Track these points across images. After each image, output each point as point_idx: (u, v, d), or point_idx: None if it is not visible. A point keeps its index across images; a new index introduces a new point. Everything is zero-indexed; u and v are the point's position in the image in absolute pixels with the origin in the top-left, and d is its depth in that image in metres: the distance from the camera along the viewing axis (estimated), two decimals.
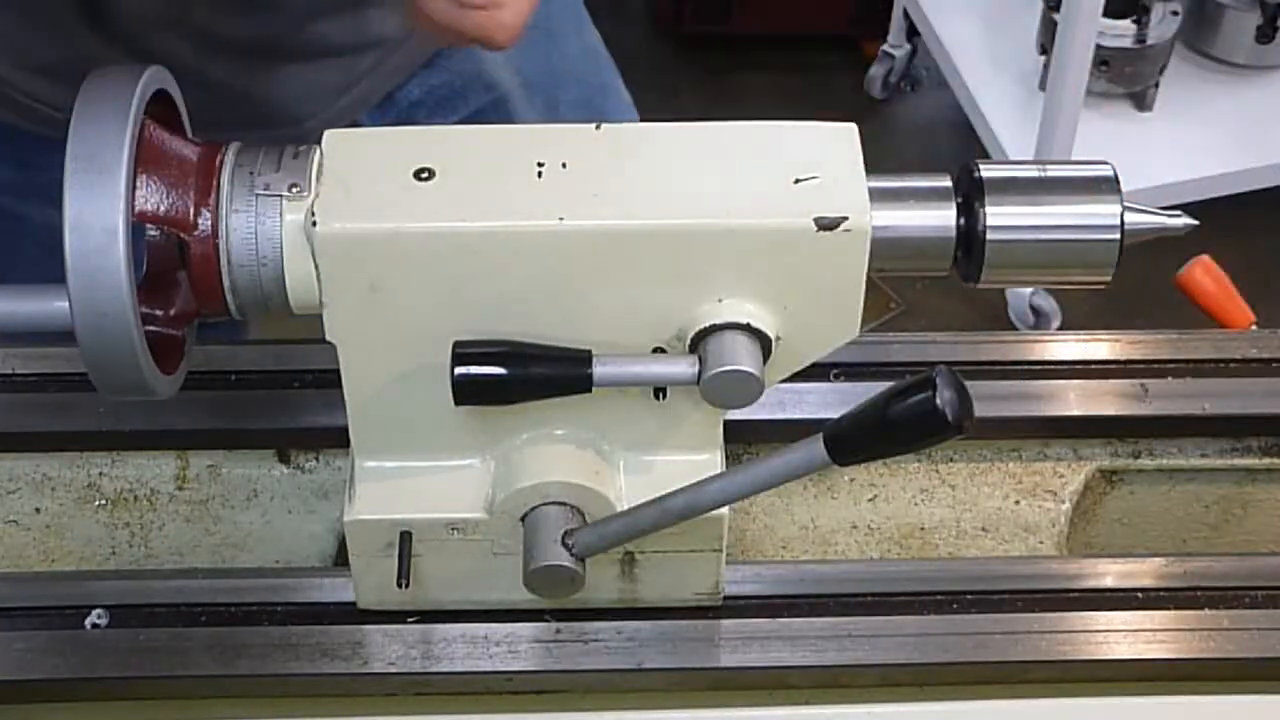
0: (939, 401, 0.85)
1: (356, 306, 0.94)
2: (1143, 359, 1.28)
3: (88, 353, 0.91)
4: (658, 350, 0.97)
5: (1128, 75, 3.00)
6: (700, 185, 0.94)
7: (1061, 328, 3.01)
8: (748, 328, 0.95)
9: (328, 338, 0.96)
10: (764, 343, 0.95)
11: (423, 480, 1.03)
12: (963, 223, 0.97)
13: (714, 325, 0.95)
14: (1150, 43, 2.96)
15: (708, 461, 1.03)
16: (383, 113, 1.37)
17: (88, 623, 1.09)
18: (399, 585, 1.03)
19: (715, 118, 0.97)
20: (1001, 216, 0.97)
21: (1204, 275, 1.49)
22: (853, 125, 0.97)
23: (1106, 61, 2.94)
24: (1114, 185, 0.98)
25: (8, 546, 1.23)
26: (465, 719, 1.10)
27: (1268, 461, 1.28)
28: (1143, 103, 3.05)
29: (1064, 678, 1.11)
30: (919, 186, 0.99)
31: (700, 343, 0.95)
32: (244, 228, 0.93)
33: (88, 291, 0.89)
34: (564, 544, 0.99)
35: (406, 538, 1.03)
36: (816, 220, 0.93)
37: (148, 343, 0.92)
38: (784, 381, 1.00)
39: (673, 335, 0.96)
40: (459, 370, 0.93)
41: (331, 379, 0.99)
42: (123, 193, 0.88)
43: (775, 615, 1.11)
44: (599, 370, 0.94)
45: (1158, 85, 3.03)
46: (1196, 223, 1.01)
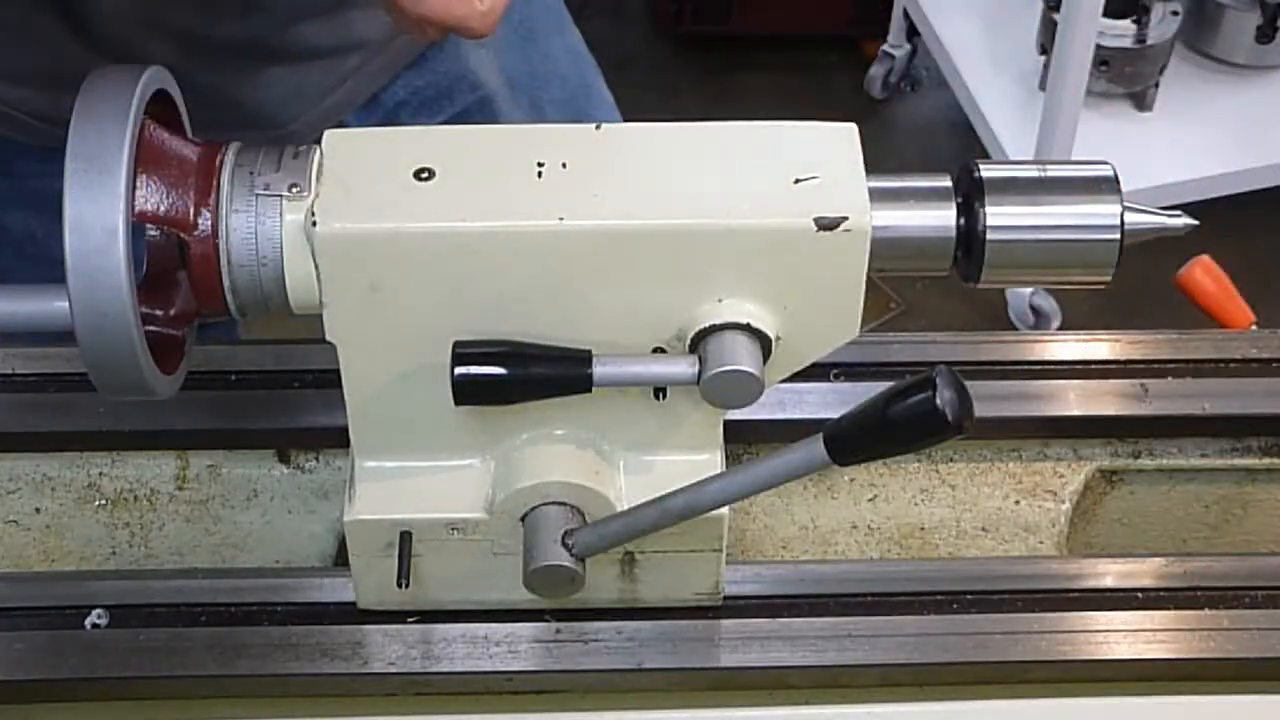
0: (939, 401, 0.85)
1: (356, 306, 0.94)
2: (1143, 359, 1.28)
3: (88, 353, 0.91)
4: (658, 350, 0.97)
5: (1128, 75, 3.00)
6: (700, 185, 0.94)
7: (1061, 328, 3.01)
8: (748, 328, 0.95)
9: (328, 338, 0.96)
10: (764, 343, 0.95)
11: (423, 480, 1.03)
12: (963, 223, 0.97)
13: (714, 325, 0.95)
14: (1150, 43, 2.96)
15: (708, 461, 1.03)
16: (368, 113, 1.36)
17: (88, 623, 1.09)
18: (399, 585, 1.03)
19: (715, 118, 0.97)
20: (1001, 216, 0.97)
21: (1204, 275, 1.49)
22: (853, 125, 0.97)
23: (1106, 61, 2.94)
24: (1114, 185, 0.98)
25: (8, 546, 1.23)
26: (465, 719, 1.10)
27: (1268, 461, 1.28)
28: (1143, 103, 3.05)
29: (1064, 678, 1.11)
30: (919, 186, 0.99)
31: (700, 343, 0.95)
32: (244, 228, 0.93)
33: (88, 291, 0.89)
34: (564, 544, 0.99)
35: (406, 538, 1.03)
36: (816, 220, 0.93)
37: (148, 343, 0.92)
38: (784, 381, 1.00)
39: (673, 335, 0.96)
40: (459, 370, 0.93)
41: (331, 379, 0.99)
42: (123, 193, 0.88)
43: (775, 615, 1.11)
44: (599, 370, 0.94)
45: (1158, 85, 3.03)
46: (1196, 223, 1.01)
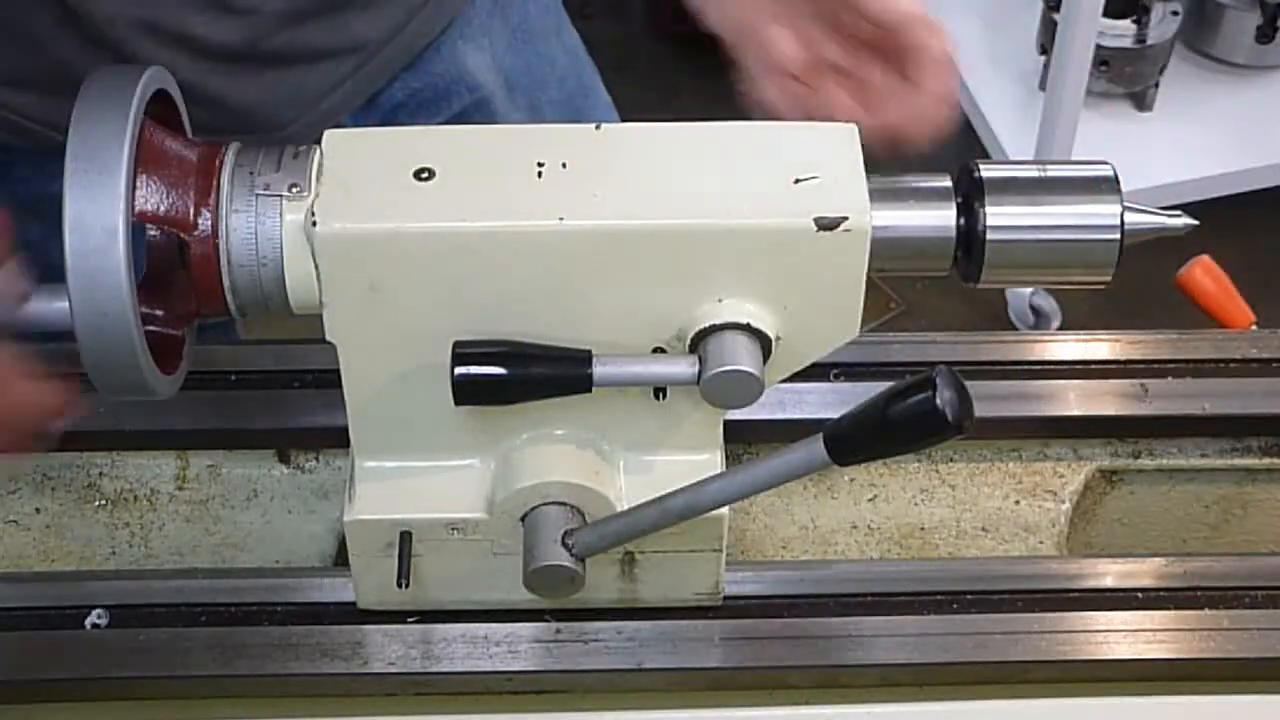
0: (939, 401, 0.85)
1: (356, 306, 0.94)
2: (1143, 359, 1.28)
3: (88, 353, 0.91)
4: (658, 350, 0.97)
5: (1128, 75, 2.99)
6: (700, 185, 0.94)
7: (1061, 328, 3.00)
8: (748, 328, 0.95)
9: (328, 338, 0.96)
10: (764, 343, 0.95)
11: (423, 480, 1.03)
12: (963, 223, 0.97)
13: (714, 325, 0.94)
14: (1150, 43, 2.95)
15: (708, 461, 1.03)
16: (365, 115, 1.36)
17: (88, 623, 1.09)
18: (399, 585, 1.03)
19: (715, 118, 0.97)
20: (1001, 216, 0.97)
21: (1204, 275, 1.49)
22: (853, 125, 0.97)
23: (1106, 61, 2.94)
24: (1114, 185, 0.98)
25: (8, 546, 1.23)
26: (465, 719, 1.10)
27: (1268, 461, 1.28)
28: (1143, 103, 3.04)
29: (1064, 678, 1.11)
30: (919, 186, 0.99)
31: (700, 343, 0.95)
32: (244, 228, 0.93)
33: (88, 291, 0.89)
34: (564, 544, 0.99)
35: (406, 538, 1.03)
36: (816, 220, 0.92)
37: (148, 343, 0.92)
38: (784, 381, 1.00)
39: (673, 335, 0.96)
40: (459, 370, 0.93)
41: (331, 379, 0.99)
42: (123, 193, 0.88)
43: (775, 615, 1.11)
44: (599, 370, 0.94)
45: (1158, 85, 3.03)
46: (1196, 223, 1.01)
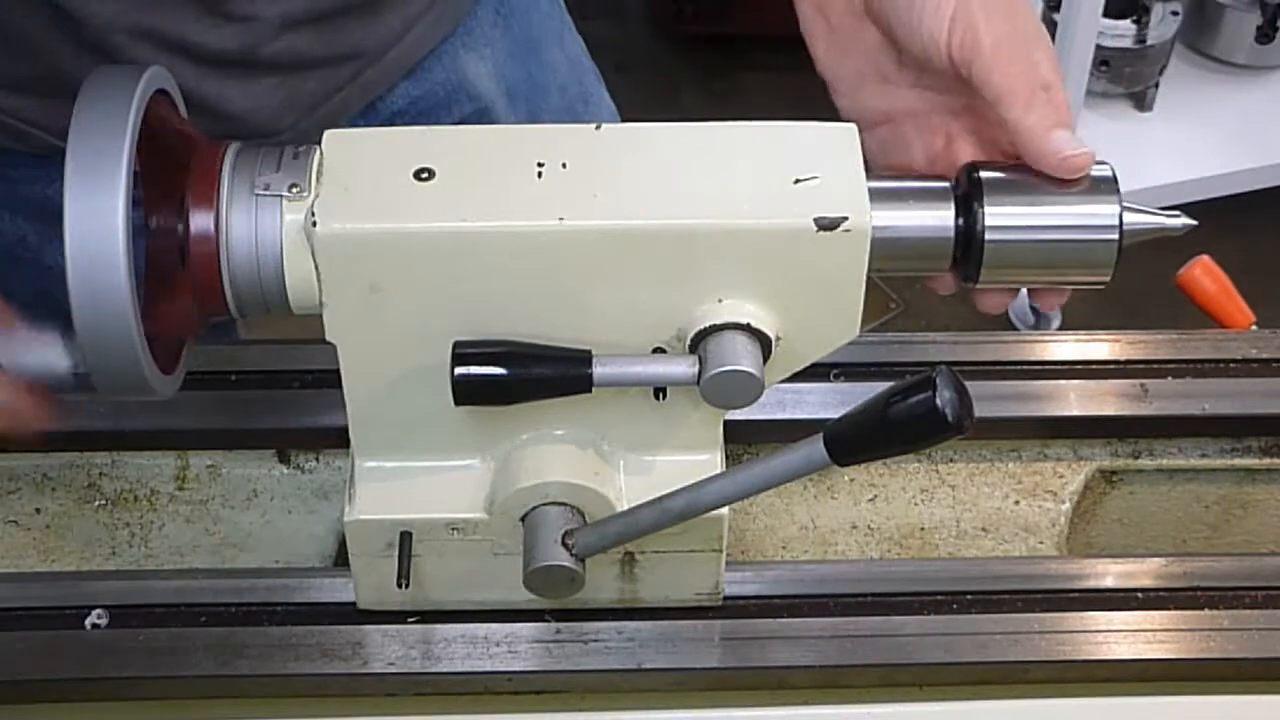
0: (939, 401, 0.85)
1: (356, 306, 0.94)
2: (1143, 359, 1.28)
3: (88, 353, 0.91)
4: (658, 350, 0.97)
5: (1128, 75, 2.99)
6: (700, 185, 0.94)
7: (1061, 328, 3.00)
8: (748, 328, 0.95)
9: (328, 338, 0.96)
10: (764, 343, 0.95)
11: (423, 480, 1.03)
12: (961, 223, 0.97)
13: (714, 325, 0.94)
14: (1150, 43, 2.95)
15: (708, 461, 1.03)
16: (365, 121, 1.36)
17: (88, 623, 1.09)
18: (399, 585, 1.03)
19: (715, 118, 0.97)
20: (1000, 217, 0.97)
21: (1204, 275, 1.49)
22: (853, 125, 0.97)
23: (1106, 61, 2.94)
24: (1113, 185, 0.98)
25: (8, 546, 1.23)
26: (465, 719, 1.10)
27: (1268, 461, 1.28)
28: (1143, 103, 3.05)
29: (1064, 678, 1.11)
30: (918, 187, 0.99)
31: (700, 343, 0.95)
32: (244, 228, 0.93)
33: (88, 291, 0.89)
34: (564, 544, 0.99)
35: (406, 538, 1.03)
36: (816, 220, 0.92)
37: (148, 343, 0.92)
38: (784, 381, 1.00)
39: (673, 335, 0.96)
40: (459, 370, 0.93)
41: (331, 379, 0.99)
42: (123, 193, 0.88)
43: (775, 615, 1.11)
44: (599, 370, 0.94)
45: (1158, 85, 3.03)
46: (1196, 223, 1.01)
